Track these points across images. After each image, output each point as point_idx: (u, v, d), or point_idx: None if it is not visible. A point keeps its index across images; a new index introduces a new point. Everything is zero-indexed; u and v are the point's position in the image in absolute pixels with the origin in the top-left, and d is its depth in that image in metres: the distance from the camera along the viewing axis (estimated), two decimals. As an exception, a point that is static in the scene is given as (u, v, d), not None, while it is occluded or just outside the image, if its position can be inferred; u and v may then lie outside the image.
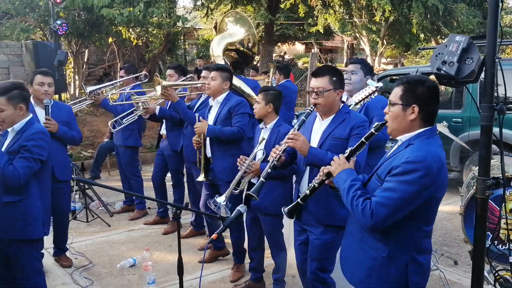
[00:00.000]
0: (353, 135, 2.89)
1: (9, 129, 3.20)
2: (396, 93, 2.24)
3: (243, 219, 3.83)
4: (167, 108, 5.26)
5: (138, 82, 5.98)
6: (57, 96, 7.16)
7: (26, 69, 9.56)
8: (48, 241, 4.60)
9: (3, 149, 3.15)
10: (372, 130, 2.37)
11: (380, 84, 3.52)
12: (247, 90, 5.81)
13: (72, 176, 5.09)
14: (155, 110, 5.23)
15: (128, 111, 5.56)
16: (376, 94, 3.46)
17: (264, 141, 3.62)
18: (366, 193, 2.24)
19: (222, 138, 4.12)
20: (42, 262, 4.36)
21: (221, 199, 3.54)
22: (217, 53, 6.08)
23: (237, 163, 3.60)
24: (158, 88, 4.62)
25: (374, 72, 4.72)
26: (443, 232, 5.44)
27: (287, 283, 3.96)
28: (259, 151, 3.63)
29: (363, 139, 2.43)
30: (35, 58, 7.15)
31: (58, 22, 7.31)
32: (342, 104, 3.06)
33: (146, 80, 6.21)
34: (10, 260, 3.27)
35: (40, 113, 4.31)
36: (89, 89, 5.69)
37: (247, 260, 4.23)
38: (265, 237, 3.93)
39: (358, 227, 2.33)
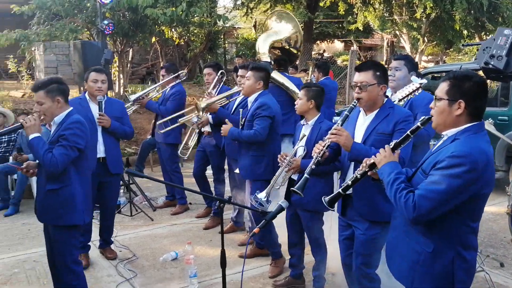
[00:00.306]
0: (397, 130, 2.87)
1: (51, 122, 3.38)
2: (443, 88, 2.22)
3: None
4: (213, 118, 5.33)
5: (178, 81, 6.10)
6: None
7: (74, 68, 9.87)
8: (94, 233, 4.78)
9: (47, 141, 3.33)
10: (418, 123, 2.35)
11: (425, 81, 3.46)
12: (291, 86, 5.85)
13: (126, 169, 5.29)
14: (209, 121, 5.34)
15: (188, 134, 5.83)
16: (420, 90, 3.41)
17: (305, 138, 3.63)
18: (410, 186, 2.23)
19: (241, 141, 4.30)
20: (85, 253, 4.55)
21: (262, 195, 3.57)
22: (263, 50, 6.18)
23: (278, 160, 3.64)
24: (200, 109, 5.03)
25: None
26: (488, 233, 5.29)
27: (327, 281, 3.93)
28: (299, 148, 3.64)
29: (408, 132, 2.41)
30: (83, 57, 7.32)
31: (105, 22, 7.53)
32: (386, 99, 3.03)
33: (185, 77, 6.34)
34: (53, 246, 3.43)
35: (94, 108, 4.48)
36: (132, 97, 5.93)
37: (286, 255, 4.23)
38: (305, 233, 3.94)
39: (403, 221, 2.32)
